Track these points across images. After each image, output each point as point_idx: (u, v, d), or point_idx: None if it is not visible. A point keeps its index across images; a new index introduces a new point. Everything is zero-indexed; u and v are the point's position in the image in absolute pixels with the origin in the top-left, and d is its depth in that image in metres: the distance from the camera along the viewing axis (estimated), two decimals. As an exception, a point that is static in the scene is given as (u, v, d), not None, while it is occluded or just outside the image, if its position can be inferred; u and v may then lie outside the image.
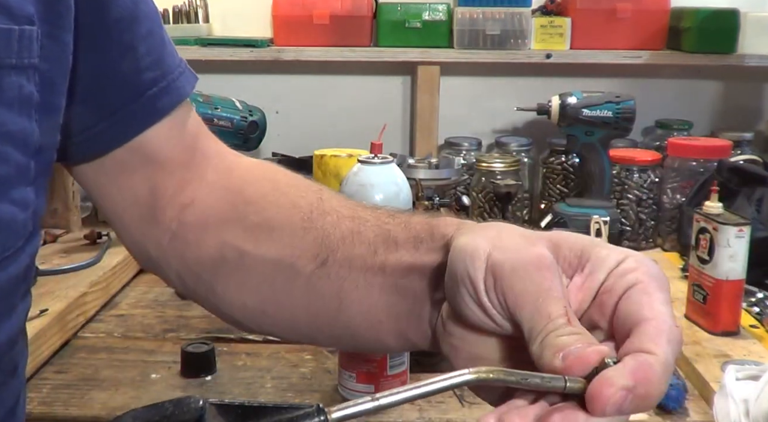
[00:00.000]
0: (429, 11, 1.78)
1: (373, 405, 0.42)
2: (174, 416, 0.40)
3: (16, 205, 0.53)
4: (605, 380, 0.39)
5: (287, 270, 0.58)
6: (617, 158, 1.57)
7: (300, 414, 0.41)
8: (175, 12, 1.85)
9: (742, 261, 1.09)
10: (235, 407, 0.41)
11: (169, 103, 0.63)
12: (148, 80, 0.62)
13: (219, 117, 1.60)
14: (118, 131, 0.62)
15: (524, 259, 0.45)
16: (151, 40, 0.62)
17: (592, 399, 0.39)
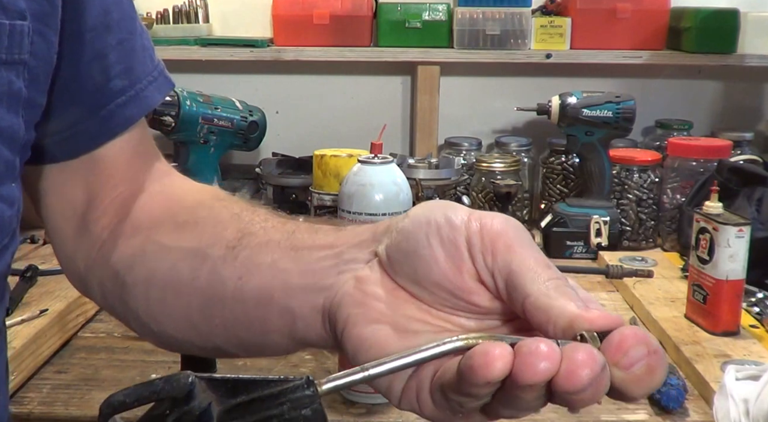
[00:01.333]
0: (429, 11, 1.78)
1: (362, 375, 0.42)
2: (164, 392, 0.40)
3: (4, 201, 0.53)
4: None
5: (198, 256, 0.57)
6: (617, 158, 1.57)
7: (290, 387, 0.41)
8: (175, 12, 1.85)
9: (742, 261, 1.09)
10: (224, 381, 0.41)
11: (136, 112, 0.63)
12: (117, 89, 0.62)
13: (219, 117, 1.60)
14: (80, 140, 0.62)
15: (514, 225, 0.45)
16: (121, 49, 0.62)
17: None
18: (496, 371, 0.38)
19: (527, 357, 0.38)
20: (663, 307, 1.21)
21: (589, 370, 0.38)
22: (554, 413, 0.95)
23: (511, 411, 0.42)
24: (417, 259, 0.45)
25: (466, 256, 0.44)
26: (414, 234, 0.46)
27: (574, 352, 0.38)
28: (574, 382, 0.38)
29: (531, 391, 0.39)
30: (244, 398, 0.40)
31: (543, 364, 0.38)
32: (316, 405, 0.40)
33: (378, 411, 0.95)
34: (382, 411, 0.96)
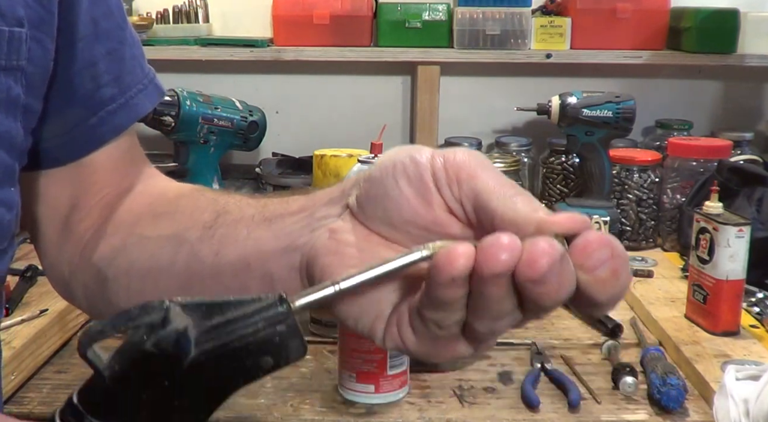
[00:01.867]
0: (429, 11, 1.78)
1: (334, 290, 0.42)
2: (140, 318, 0.40)
3: (3, 205, 0.54)
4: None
5: (175, 241, 0.58)
6: (617, 158, 1.57)
7: (263, 305, 0.41)
8: (175, 12, 1.85)
9: (742, 261, 1.09)
10: (199, 305, 0.41)
11: (126, 119, 0.64)
12: (106, 97, 0.62)
13: (219, 117, 1.60)
14: (70, 148, 0.62)
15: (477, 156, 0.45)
16: (110, 58, 0.62)
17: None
18: (459, 266, 0.39)
19: (489, 248, 0.39)
20: (663, 307, 1.21)
21: (549, 258, 0.38)
22: (554, 413, 0.95)
23: (486, 323, 0.42)
24: (387, 201, 0.46)
25: (434, 190, 0.45)
26: (382, 178, 0.46)
27: (533, 242, 0.39)
28: (535, 269, 0.38)
29: (496, 286, 0.39)
30: (220, 319, 0.41)
31: (504, 255, 0.38)
32: (290, 320, 0.41)
33: (378, 411, 0.96)
34: (382, 411, 0.96)
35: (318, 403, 0.97)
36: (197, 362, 0.40)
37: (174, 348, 0.40)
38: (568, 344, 1.13)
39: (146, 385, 0.40)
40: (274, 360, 0.41)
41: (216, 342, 0.40)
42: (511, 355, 1.10)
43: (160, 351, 0.40)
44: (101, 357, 0.40)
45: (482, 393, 0.99)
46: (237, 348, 0.41)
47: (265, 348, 0.41)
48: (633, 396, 0.98)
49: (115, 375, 0.40)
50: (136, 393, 0.40)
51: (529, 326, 1.19)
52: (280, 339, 0.41)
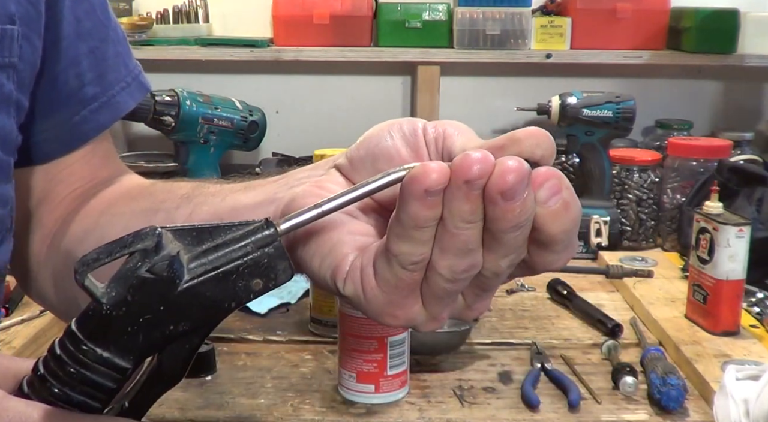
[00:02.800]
0: (429, 11, 1.78)
1: (317, 212, 0.43)
2: (133, 244, 0.42)
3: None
4: None
5: (151, 212, 0.58)
6: (617, 158, 1.57)
7: (251, 229, 0.43)
8: (175, 12, 1.85)
9: (742, 261, 1.09)
10: (189, 230, 0.43)
11: (108, 118, 0.65)
12: (89, 96, 0.63)
13: (219, 117, 1.60)
14: (53, 145, 0.63)
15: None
16: (93, 57, 0.63)
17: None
18: (433, 178, 0.39)
19: (462, 160, 0.39)
20: (663, 307, 1.21)
21: (518, 172, 0.39)
22: (554, 413, 0.95)
23: (449, 260, 0.41)
24: (379, 151, 0.47)
25: (423, 144, 0.46)
26: (376, 132, 0.47)
27: (503, 160, 0.40)
28: (506, 181, 0.39)
29: (467, 199, 0.39)
30: (210, 244, 0.42)
31: (477, 166, 0.39)
32: (277, 243, 0.42)
33: (378, 411, 0.96)
34: (382, 411, 0.96)
35: (318, 403, 0.97)
36: (190, 285, 0.41)
37: (168, 272, 0.41)
38: (568, 344, 1.13)
39: (142, 310, 0.41)
40: (263, 282, 0.42)
41: (207, 265, 0.42)
42: (511, 355, 1.10)
43: (154, 276, 0.41)
44: (97, 284, 0.41)
45: (482, 393, 0.99)
46: (227, 271, 0.42)
47: (254, 270, 0.42)
48: (633, 396, 0.98)
49: (112, 301, 0.41)
50: (132, 318, 0.41)
51: (529, 326, 1.19)
52: (268, 261, 0.42)
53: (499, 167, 0.39)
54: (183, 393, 0.99)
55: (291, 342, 1.13)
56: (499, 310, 1.25)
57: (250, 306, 1.24)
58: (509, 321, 1.21)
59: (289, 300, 1.27)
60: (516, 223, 0.40)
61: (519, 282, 1.35)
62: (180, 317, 0.42)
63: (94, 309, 0.41)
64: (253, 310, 1.23)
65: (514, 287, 1.34)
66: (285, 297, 1.27)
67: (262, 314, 1.23)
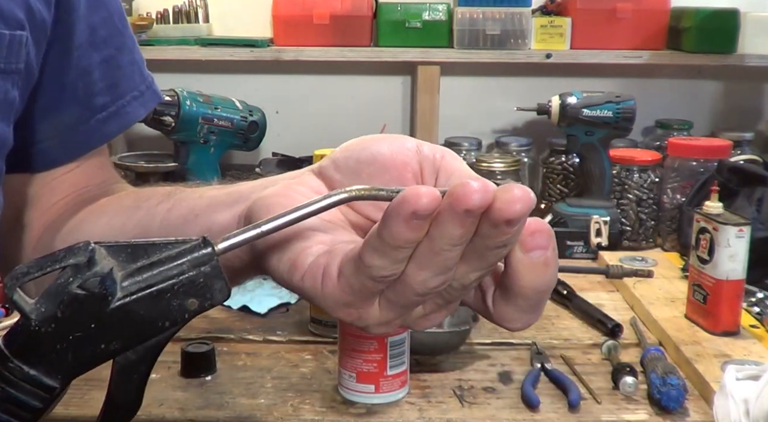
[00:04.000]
0: (429, 11, 1.78)
1: (256, 232, 0.42)
2: (65, 259, 0.40)
3: None
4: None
5: (133, 208, 0.58)
6: (617, 158, 1.57)
7: (188, 247, 0.42)
8: (175, 12, 1.85)
9: (742, 261, 1.09)
10: (123, 246, 0.42)
11: (116, 128, 0.65)
12: (98, 105, 0.63)
13: (219, 117, 1.60)
14: (58, 153, 0.63)
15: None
16: (106, 66, 0.63)
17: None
18: (423, 202, 0.37)
19: (463, 189, 0.37)
20: (663, 307, 1.21)
21: (524, 203, 0.38)
22: (554, 413, 0.95)
23: (426, 275, 0.40)
24: (365, 155, 0.46)
25: (415, 158, 0.46)
26: (366, 139, 0.47)
27: (511, 187, 0.38)
28: (514, 209, 0.37)
29: (461, 225, 0.38)
30: (145, 261, 0.41)
31: (477, 196, 0.37)
32: (214, 262, 0.42)
33: (378, 411, 0.96)
34: (382, 411, 0.96)
35: (318, 403, 0.97)
36: (123, 303, 0.40)
37: (99, 289, 0.40)
38: (568, 344, 1.14)
39: (72, 327, 0.40)
40: (198, 302, 0.42)
41: (141, 283, 0.41)
42: (511, 355, 1.10)
43: (85, 293, 0.40)
44: (27, 300, 0.40)
45: (482, 393, 0.99)
46: (162, 290, 0.41)
47: (189, 289, 0.41)
48: (633, 396, 0.98)
49: (41, 317, 0.40)
50: (62, 336, 0.40)
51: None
52: (204, 281, 0.41)
53: (506, 195, 0.38)
54: (183, 393, 0.99)
55: (291, 342, 1.13)
56: (499, 310, 1.25)
57: (250, 306, 1.24)
58: (509, 321, 1.21)
59: (289, 300, 1.27)
60: (506, 241, 0.39)
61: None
62: (112, 335, 0.41)
63: (22, 325, 0.40)
64: (253, 310, 1.23)
65: (514, 287, 1.34)
66: (285, 297, 1.27)
67: (262, 314, 1.23)
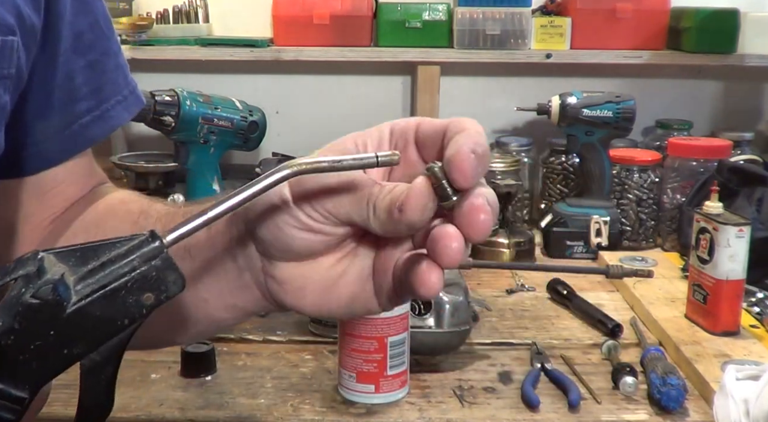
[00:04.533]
0: (429, 11, 1.78)
1: (203, 219, 0.43)
2: (15, 270, 0.41)
3: None
4: (456, 154, 0.43)
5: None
6: (617, 158, 1.57)
7: (136, 243, 0.42)
8: (175, 12, 1.85)
9: (742, 261, 1.09)
10: (72, 251, 0.42)
11: (100, 131, 0.65)
12: (82, 110, 0.63)
13: (219, 117, 1.60)
14: (42, 158, 0.62)
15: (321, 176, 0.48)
16: (90, 70, 0.63)
17: (455, 168, 0.43)
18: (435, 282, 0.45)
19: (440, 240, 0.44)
20: (663, 307, 1.21)
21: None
22: (554, 413, 0.95)
23: None
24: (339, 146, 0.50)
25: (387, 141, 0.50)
26: (342, 140, 0.51)
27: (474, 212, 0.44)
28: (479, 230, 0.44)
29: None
30: (95, 263, 0.42)
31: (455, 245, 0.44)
32: (164, 254, 0.42)
33: (378, 411, 0.96)
34: (382, 411, 0.96)
35: (318, 403, 0.97)
36: (78, 307, 0.40)
37: (53, 296, 0.40)
38: (568, 344, 1.14)
39: (32, 337, 0.40)
40: (154, 296, 0.42)
41: (94, 285, 0.41)
42: (511, 355, 1.10)
43: (40, 301, 0.40)
44: None
45: (482, 393, 0.99)
46: (115, 288, 0.41)
47: (143, 284, 0.42)
48: (633, 396, 0.98)
49: (0, 331, 0.40)
50: (23, 347, 0.40)
51: (529, 326, 1.19)
52: (157, 274, 0.42)
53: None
54: (183, 393, 0.99)
55: (291, 342, 1.13)
56: (499, 310, 1.25)
57: (250, 306, 1.24)
58: (509, 321, 1.21)
59: (289, 300, 1.27)
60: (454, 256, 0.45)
61: (519, 282, 1.35)
62: (73, 340, 0.41)
63: None
64: (253, 310, 1.23)
65: (514, 287, 1.34)
66: (285, 297, 1.27)
67: (262, 314, 1.23)
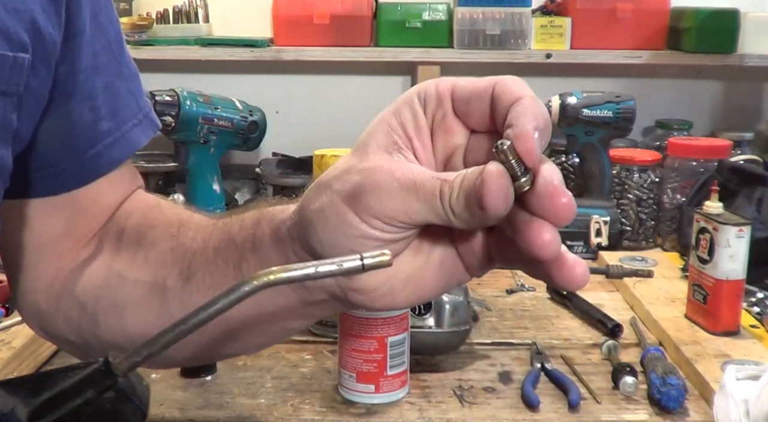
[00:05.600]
0: (429, 11, 1.78)
1: (155, 348, 0.40)
2: None
3: None
4: (522, 131, 0.42)
5: (159, 291, 0.59)
6: (617, 158, 1.57)
7: (90, 373, 0.40)
8: (175, 12, 1.85)
9: (742, 261, 1.09)
10: (24, 381, 0.40)
11: (122, 153, 0.65)
12: (104, 130, 0.63)
13: (219, 117, 1.60)
14: (65, 178, 0.62)
15: (370, 176, 0.45)
16: (108, 92, 0.63)
17: (523, 148, 0.42)
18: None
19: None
20: (663, 307, 1.21)
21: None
22: (554, 413, 0.95)
23: None
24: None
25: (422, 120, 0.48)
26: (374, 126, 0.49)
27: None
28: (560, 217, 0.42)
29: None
30: (49, 394, 0.40)
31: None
32: (119, 386, 0.40)
33: (378, 411, 0.96)
34: (382, 411, 0.96)
35: (318, 403, 0.97)
36: None
37: None
38: (568, 344, 1.13)
39: None
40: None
41: (48, 417, 0.39)
42: (511, 355, 1.10)
43: None
44: None
45: (482, 393, 0.99)
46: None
47: (99, 417, 0.39)
48: (633, 396, 0.98)
49: None
50: None
51: (529, 326, 1.19)
52: (112, 407, 0.40)
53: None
54: (183, 393, 0.99)
55: (291, 342, 1.13)
56: (499, 310, 1.25)
57: (250, 306, 1.24)
58: (509, 321, 1.21)
59: (289, 300, 1.27)
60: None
61: (519, 282, 1.35)
62: None
63: None
64: (253, 310, 1.23)
65: (514, 287, 1.34)
66: (285, 297, 1.27)
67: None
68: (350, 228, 0.45)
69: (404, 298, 0.49)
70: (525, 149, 0.41)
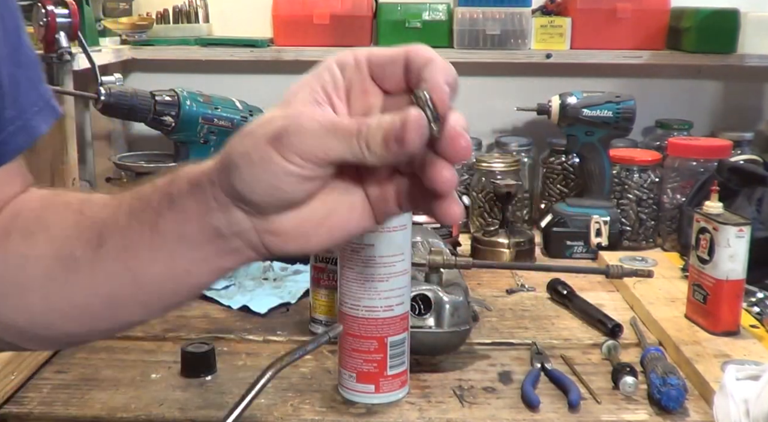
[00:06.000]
0: (429, 11, 1.78)
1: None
2: None
3: None
4: (437, 85, 0.48)
5: (67, 263, 0.59)
6: (617, 158, 1.57)
7: None
8: (175, 12, 1.85)
9: (742, 261, 1.09)
10: None
11: (24, 141, 0.65)
12: (8, 118, 0.63)
13: (219, 117, 1.60)
14: None
15: (298, 118, 0.50)
16: (9, 79, 0.63)
17: (438, 98, 0.48)
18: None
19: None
20: (663, 307, 1.21)
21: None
22: (554, 413, 0.95)
23: None
24: None
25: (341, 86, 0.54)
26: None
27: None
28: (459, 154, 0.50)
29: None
30: None
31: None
32: None
33: (378, 411, 0.96)
34: (382, 411, 0.96)
35: (318, 403, 0.97)
36: None
37: None
38: (568, 344, 1.14)
39: None
40: None
41: None
42: (511, 355, 1.10)
43: None
44: None
45: (482, 393, 0.99)
46: None
47: None
48: (633, 396, 0.98)
49: None
50: None
51: (529, 326, 1.19)
52: None
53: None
54: (183, 393, 0.99)
55: (291, 342, 1.13)
56: (499, 310, 1.25)
57: (250, 306, 1.24)
58: (509, 321, 1.21)
59: (289, 300, 1.27)
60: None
61: (519, 283, 1.35)
62: None
63: None
64: (253, 310, 1.23)
65: (514, 287, 1.34)
66: (285, 297, 1.27)
67: (262, 314, 1.23)
68: (272, 166, 0.50)
69: (316, 241, 0.53)
70: (439, 98, 0.48)
